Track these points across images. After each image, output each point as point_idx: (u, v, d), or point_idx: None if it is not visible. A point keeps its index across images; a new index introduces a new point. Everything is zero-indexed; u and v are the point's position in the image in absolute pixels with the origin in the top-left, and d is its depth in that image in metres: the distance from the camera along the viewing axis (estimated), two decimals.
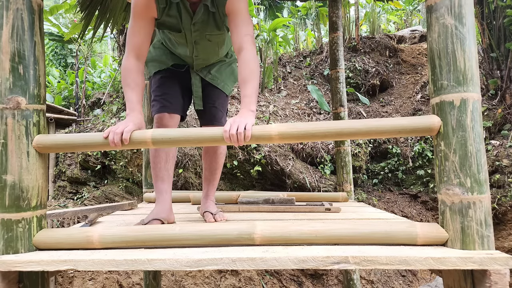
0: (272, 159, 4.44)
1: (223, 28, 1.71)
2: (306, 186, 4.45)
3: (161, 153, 1.74)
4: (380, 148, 5.22)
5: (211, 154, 1.91)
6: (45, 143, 1.25)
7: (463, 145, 1.12)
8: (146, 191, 2.94)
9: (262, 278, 4.05)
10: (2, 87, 1.18)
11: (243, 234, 1.23)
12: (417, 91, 5.76)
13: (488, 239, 1.11)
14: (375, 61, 6.17)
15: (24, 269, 1.11)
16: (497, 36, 4.92)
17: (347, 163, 3.06)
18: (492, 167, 4.34)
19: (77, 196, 4.90)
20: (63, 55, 9.02)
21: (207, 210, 1.83)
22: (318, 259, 1.09)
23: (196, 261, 1.11)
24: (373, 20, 7.01)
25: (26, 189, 1.19)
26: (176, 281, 3.92)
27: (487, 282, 1.03)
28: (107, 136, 1.31)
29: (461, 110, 1.12)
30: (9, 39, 1.18)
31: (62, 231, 1.27)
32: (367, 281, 4.16)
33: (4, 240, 1.17)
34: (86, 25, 3.24)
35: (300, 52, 6.91)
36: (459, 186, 1.12)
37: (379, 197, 4.94)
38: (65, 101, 7.31)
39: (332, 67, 3.16)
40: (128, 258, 1.12)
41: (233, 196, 2.37)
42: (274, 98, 5.82)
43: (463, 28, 1.14)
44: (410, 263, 1.07)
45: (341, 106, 3.10)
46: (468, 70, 1.13)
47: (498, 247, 4.12)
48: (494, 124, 4.77)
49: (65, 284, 3.82)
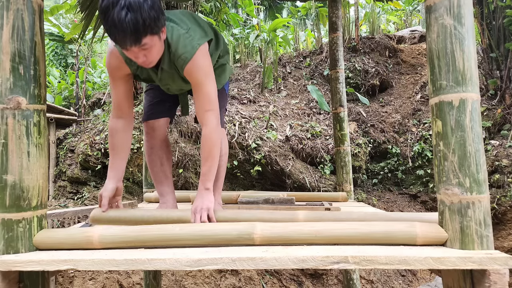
0: (272, 159, 4.44)
1: (187, 85, 1.64)
2: (306, 186, 4.45)
3: (154, 158, 1.81)
4: (379, 148, 5.23)
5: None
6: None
7: (462, 145, 1.12)
8: (146, 191, 2.95)
9: (262, 278, 4.05)
10: (2, 87, 1.19)
11: (243, 234, 1.24)
12: (417, 91, 5.76)
13: (487, 239, 1.11)
14: (375, 61, 6.17)
15: (24, 269, 1.11)
16: (497, 36, 4.92)
17: (347, 163, 3.06)
18: (491, 167, 4.35)
19: (77, 196, 4.91)
20: (63, 55, 9.02)
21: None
22: (318, 258, 1.10)
23: (196, 260, 1.11)
24: (373, 21, 7.02)
25: (27, 189, 1.20)
26: (176, 281, 3.93)
27: (486, 282, 1.04)
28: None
29: (460, 110, 1.13)
30: (9, 39, 1.19)
31: (62, 232, 1.27)
32: (367, 281, 4.16)
33: (4, 240, 1.17)
34: (86, 25, 3.24)
35: (300, 52, 6.92)
36: (458, 186, 1.12)
37: (379, 197, 4.95)
38: (66, 101, 7.31)
39: (332, 67, 3.16)
40: (128, 257, 1.12)
41: (233, 196, 2.37)
42: (274, 98, 5.83)
43: (462, 28, 1.14)
44: (410, 263, 1.07)
45: (341, 106, 3.10)
46: (467, 70, 1.13)
47: (497, 247, 4.13)
48: (493, 124, 4.78)
49: (65, 284, 3.82)
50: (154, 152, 1.84)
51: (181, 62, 1.48)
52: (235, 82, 6.21)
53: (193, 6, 5.78)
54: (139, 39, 1.28)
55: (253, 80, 6.23)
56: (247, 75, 6.40)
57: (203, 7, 6.32)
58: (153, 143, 1.85)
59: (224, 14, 6.90)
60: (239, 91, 5.74)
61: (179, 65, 1.50)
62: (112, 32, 1.26)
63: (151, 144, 1.85)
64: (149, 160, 1.84)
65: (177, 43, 1.46)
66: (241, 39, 7.17)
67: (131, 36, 1.25)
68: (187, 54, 1.46)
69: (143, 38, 1.28)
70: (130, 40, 1.27)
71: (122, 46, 1.30)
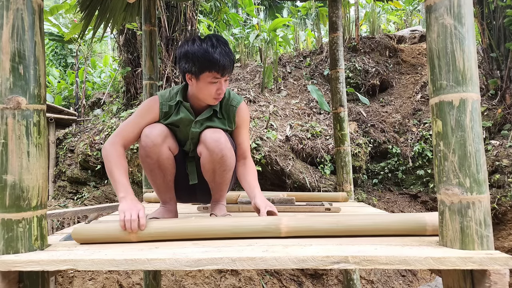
0: (272, 159, 4.44)
1: (226, 128, 1.80)
2: (306, 186, 4.45)
3: (156, 172, 1.71)
4: (380, 148, 5.23)
5: (215, 165, 1.73)
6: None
7: (462, 145, 1.12)
8: (146, 191, 2.95)
9: (262, 278, 4.05)
10: (2, 87, 1.18)
11: (271, 225, 1.36)
12: (417, 91, 5.76)
13: (487, 239, 1.11)
14: (375, 61, 6.17)
15: (24, 269, 1.11)
16: (497, 36, 4.92)
17: (347, 163, 3.06)
18: (492, 167, 4.34)
19: (77, 196, 4.91)
20: (63, 55, 9.03)
21: (213, 212, 1.85)
22: (318, 258, 1.10)
23: (196, 260, 1.11)
24: (373, 20, 7.02)
25: (27, 189, 1.19)
26: (176, 281, 3.93)
27: (486, 282, 1.03)
28: (125, 227, 1.34)
29: (460, 110, 1.12)
30: (9, 39, 1.19)
31: (100, 226, 1.39)
32: (367, 281, 4.16)
33: (4, 240, 1.17)
34: (86, 25, 3.24)
35: (300, 52, 6.92)
36: (458, 186, 1.12)
37: (379, 197, 4.95)
38: (65, 101, 7.32)
39: (332, 67, 3.16)
40: (128, 258, 1.12)
41: (233, 196, 2.37)
42: (274, 98, 5.83)
43: (462, 28, 1.14)
44: (410, 263, 1.07)
45: (341, 106, 3.10)
46: (467, 70, 1.13)
47: (498, 247, 4.12)
48: (494, 124, 4.78)
49: (65, 284, 3.82)
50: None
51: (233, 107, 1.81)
52: (235, 82, 6.21)
53: (193, 6, 5.79)
54: (232, 70, 1.67)
55: (253, 80, 6.23)
56: (247, 75, 6.40)
57: (203, 7, 6.33)
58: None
59: (224, 14, 6.90)
60: (239, 91, 5.74)
61: (231, 111, 1.80)
62: (221, 61, 1.58)
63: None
64: (151, 174, 1.76)
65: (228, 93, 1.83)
66: (241, 39, 7.17)
67: (230, 66, 1.62)
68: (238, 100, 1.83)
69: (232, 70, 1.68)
70: (230, 69, 1.63)
71: (225, 72, 1.61)
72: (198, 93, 1.68)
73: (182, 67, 1.66)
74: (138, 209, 1.37)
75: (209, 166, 1.70)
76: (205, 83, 1.63)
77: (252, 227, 1.36)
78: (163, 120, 1.73)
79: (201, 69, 1.60)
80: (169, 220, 1.47)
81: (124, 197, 1.47)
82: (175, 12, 5.62)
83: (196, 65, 1.60)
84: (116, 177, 1.53)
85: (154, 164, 1.68)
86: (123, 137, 1.64)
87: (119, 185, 1.51)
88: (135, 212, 1.35)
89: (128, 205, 1.40)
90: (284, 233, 1.35)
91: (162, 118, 1.73)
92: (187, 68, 1.63)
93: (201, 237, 1.37)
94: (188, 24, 5.68)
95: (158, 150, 1.65)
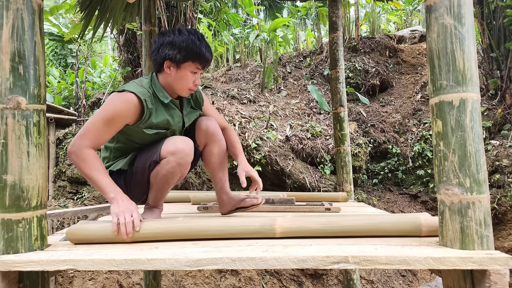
0: (272, 159, 4.44)
1: (200, 114, 1.92)
2: (306, 186, 4.45)
3: (171, 183, 1.68)
4: (380, 148, 5.23)
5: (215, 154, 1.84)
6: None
7: (462, 145, 1.12)
8: None
9: (262, 278, 4.05)
10: (2, 87, 1.18)
11: (265, 225, 1.36)
12: (417, 91, 5.76)
13: (487, 239, 1.11)
14: (375, 61, 6.17)
15: (24, 269, 1.11)
16: (497, 36, 4.92)
17: (347, 163, 3.06)
18: (492, 167, 4.34)
19: (77, 196, 4.90)
20: (63, 55, 9.03)
21: (240, 199, 1.87)
22: (318, 258, 1.10)
23: (195, 260, 1.11)
24: (373, 20, 7.02)
25: (26, 189, 1.19)
26: (176, 281, 3.93)
27: (486, 282, 1.03)
28: (118, 231, 1.32)
29: (460, 110, 1.12)
30: (9, 39, 1.19)
31: (94, 226, 1.38)
32: (367, 281, 4.16)
33: (4, 240, 1.17)
34: (86, 25, 3.24)
35: (300, 52, 6.91)
36: (458, 186, 1.12)
37: (379, 197, 4.95)
38: (65, 101, 7.31)
39: (332, 67, 3.16)
40: (128, 258, 1.12)
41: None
42: (274, 98, 5.83)
43: (462, 28, 1.14)
44: (410, 263, 1.07)
45: (341, 106, 3.10)
46: (467, 70, 1.13)
47: (498, 247, 4.12)
48: (494, 124, 4.78)
49: (65, 284, 3.82)
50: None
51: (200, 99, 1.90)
52: (235, 82, 6.21)
53: (193, 6, 5.79)
54: (209, 65, 1.76)
55: (253, 80, 6.23)
56: (247, 75, 6.40)
57: (203, 7, 6.33)
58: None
59: (224, 14, 6.91)
60: (239, 91, 5.74)
61: (198, 104, 1.89)
62: (206, 54, 1.65)
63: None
64: (163, 183, 1.70)
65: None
66: (241, 39, 7.17)
67: (211, 61, 1.71)
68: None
69: None
70: (209, 64, 1.71)
71: (206, 65, 1.68)
72: (175, 83, 1.67)
73: (163, 53, 1.63)
74: (131, 210, 1.35)
75: (218, 159, 1.83)
76: (186, 72, 1.65)
77: (246, 227, 1.36)
78: (148, 120, 1.61)
79: (185, 58, 1.62)
80: (161, 221, 1.44)
81: (114, 198, 1.42)
82: (175, 12, 5.62)
83: (181, 53, 1.62)
84: (98, 179, 1.45)
85: (176, 177, 1.68)
86: (93, 141, 1.51)
87: (105, 185, 1.45)
88: (128, 214, 1.34)
89: (119, 207, 1.37)
90: (278, 234, 1.34)
91: (146, 116, 1.59)
92: (170, 55, 1.62)
93: (193, 237, 1.36)
94: (188, 24, 5.68)
95: (188, 168, 1.69)
